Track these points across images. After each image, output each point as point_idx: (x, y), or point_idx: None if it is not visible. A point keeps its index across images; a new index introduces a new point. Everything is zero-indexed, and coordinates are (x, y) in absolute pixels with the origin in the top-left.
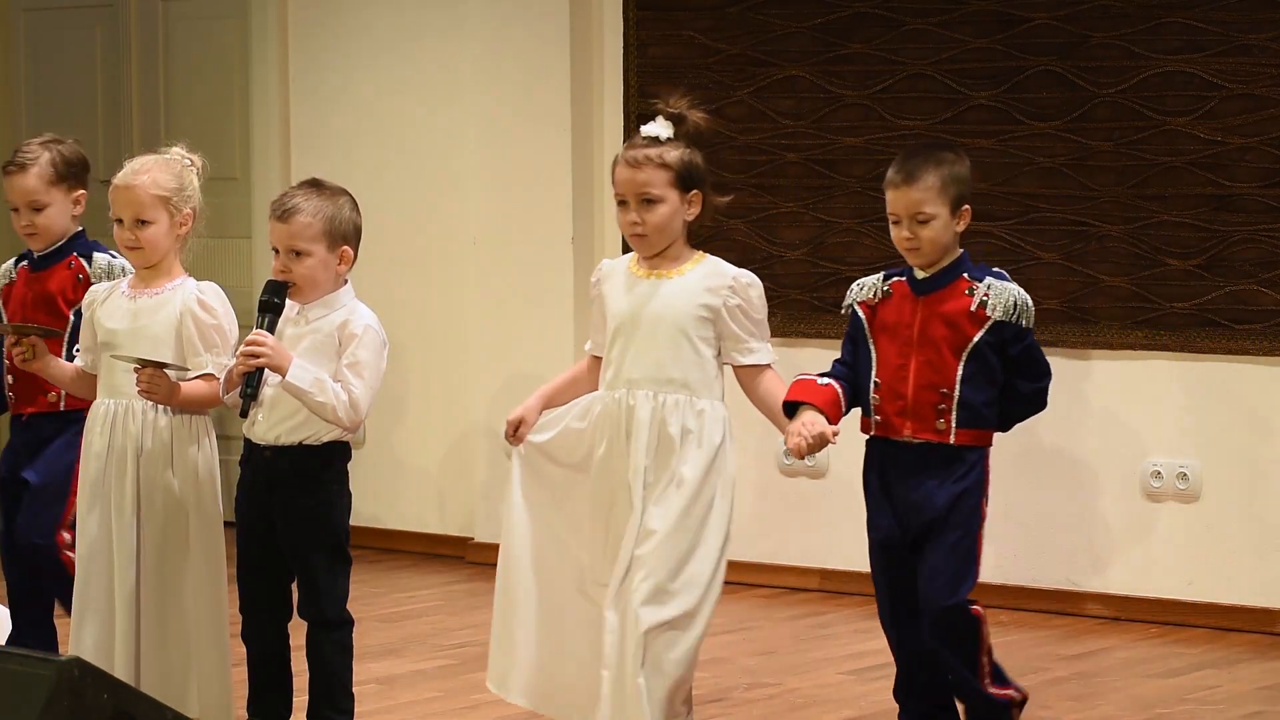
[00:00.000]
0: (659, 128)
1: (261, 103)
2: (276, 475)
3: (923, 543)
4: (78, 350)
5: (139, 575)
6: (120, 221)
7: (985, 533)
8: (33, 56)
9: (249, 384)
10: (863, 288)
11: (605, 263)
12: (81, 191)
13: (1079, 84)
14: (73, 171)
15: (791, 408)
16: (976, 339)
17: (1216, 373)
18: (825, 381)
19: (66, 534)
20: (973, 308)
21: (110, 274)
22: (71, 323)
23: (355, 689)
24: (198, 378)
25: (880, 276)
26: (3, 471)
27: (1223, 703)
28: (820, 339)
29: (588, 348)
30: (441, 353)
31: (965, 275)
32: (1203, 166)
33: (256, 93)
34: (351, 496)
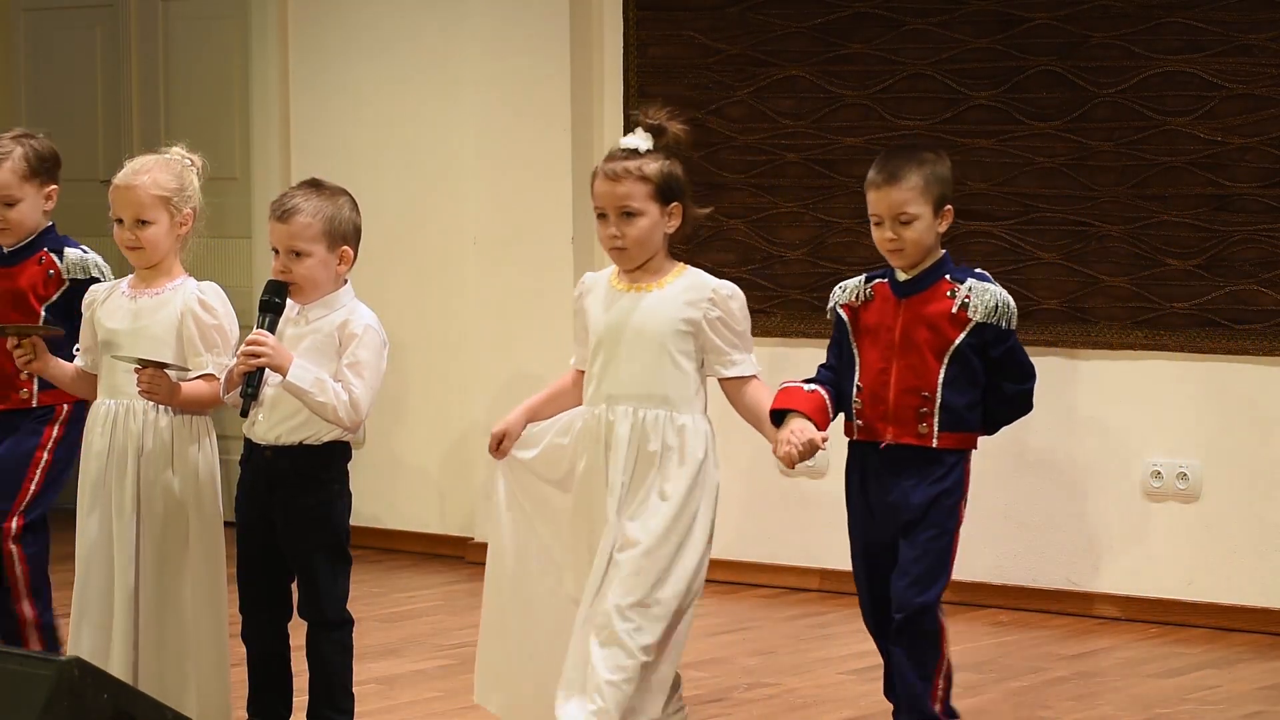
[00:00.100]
0: (638, 140)
1: (261, 103)
2: (277, 475)
3: (899, 543)
4: (78, 350)
5: (138, 575)
6: (120, 221)
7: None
8: (33, 56)
9: (249, 384)
10: (845, 290)
11: (588, 276)
12: (54, 187)
13: (1079, 84)
14: (45, 167)
15: (779, 416)
16: (958, 341)
17: (1217, 373)
18: (811, 388)
19: (15, 523)
20: (954, 310)
21: (84, 268)
22: (45, 318)
23: (355, 689)
24: (198, 378)
25: (862, 278)
26: None
27: (1223, 703)
28: (820, 339)
29: (572, 362)
30: (441, 353)
31: (947, 277)
32: (1203, 166)
33: (256, 93)
34: (352, 496)
